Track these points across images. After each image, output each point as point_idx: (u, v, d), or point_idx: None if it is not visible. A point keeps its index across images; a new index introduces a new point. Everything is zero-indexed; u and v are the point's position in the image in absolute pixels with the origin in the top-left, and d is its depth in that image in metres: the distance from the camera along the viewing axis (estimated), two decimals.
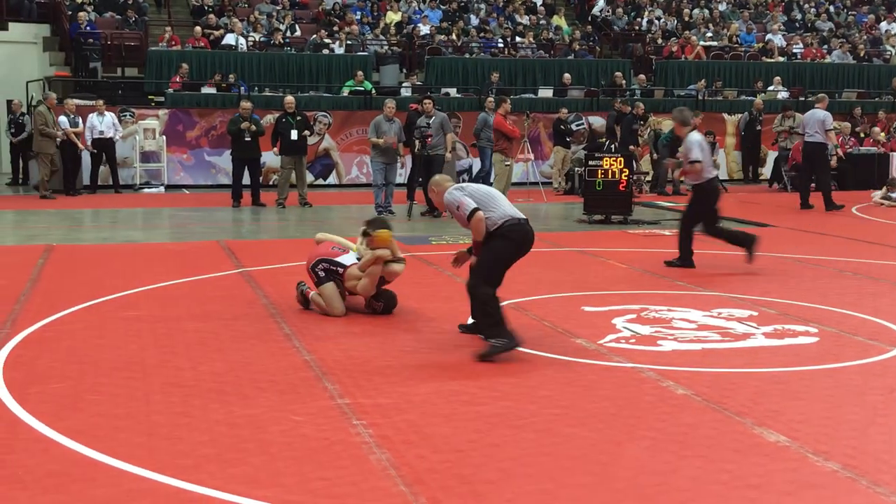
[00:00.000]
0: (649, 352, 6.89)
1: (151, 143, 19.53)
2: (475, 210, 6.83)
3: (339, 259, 8.06)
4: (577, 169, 19.07)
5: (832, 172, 20.69)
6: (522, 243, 7.07)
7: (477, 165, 21.15)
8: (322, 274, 8.01)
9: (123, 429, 5.15)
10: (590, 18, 27.83)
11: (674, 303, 8.60)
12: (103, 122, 18.39)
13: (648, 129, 20.27)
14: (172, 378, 6.14)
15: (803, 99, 24.23)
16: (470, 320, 7.34)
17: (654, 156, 19.87)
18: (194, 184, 20.05)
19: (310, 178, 19.64)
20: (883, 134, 22.15)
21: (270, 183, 19.02)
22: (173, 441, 4.96)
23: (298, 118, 16.65)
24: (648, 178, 19.84)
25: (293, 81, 22.12)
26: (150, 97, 20.85)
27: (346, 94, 21.64)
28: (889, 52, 28.18)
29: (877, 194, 18.14)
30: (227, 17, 23.68)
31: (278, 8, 24.91)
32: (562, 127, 19.76)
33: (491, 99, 17.26)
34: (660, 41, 26.51)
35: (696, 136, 10.67)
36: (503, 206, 7.02)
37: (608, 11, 27.91)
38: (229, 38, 22.54)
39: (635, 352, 6.89)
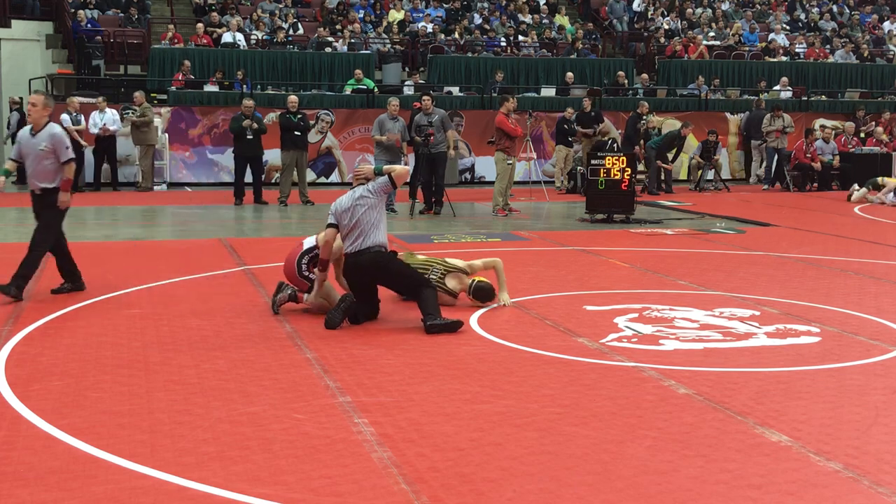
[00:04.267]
0: (651, 351, 6.89)
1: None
2: (329, 225, 7.84)
3: (306, 245, 8.14)
4: (579, 168, 19.06)
5: (834, 172, 20.78)
6: (351, 273, 7.83)
7: (478, 165, 21.21)
8: (313, 276, 8.03)
9: (125, 426, 5.15)
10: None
11: (676, 302, 8.60)
12: (105, 119, 18.39)
13: (645, 128, 20.22)
14: (174, 376, 6.14)
15: (805, 98, 24.23)
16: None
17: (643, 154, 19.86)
18: (196, 182, 20.05)
19: (312, 176, 19.66)
20: (885, 134, 22.13)
21: (272, 181, 19.03)
22: (175, 438, 4.96)
23: (299, 116, 16.70)
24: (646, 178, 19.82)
25: (296, 79, 22.12)
26: (152, 95, 20.87)
27: (348, 92, 21.65)
28: (892, 52, 28.15)
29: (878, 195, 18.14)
30: (230, 14, 23.69)
31: (281, 6, 24.92)
32: (565, 126, 19.75)
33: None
34: (663, 40, 26.50)
35: None
36: (347, 238, 7.76)
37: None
38: (227, 37, 22.55)
39: (637, 351, 6.89)
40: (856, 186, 18.54)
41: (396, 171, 7.99)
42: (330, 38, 23.28)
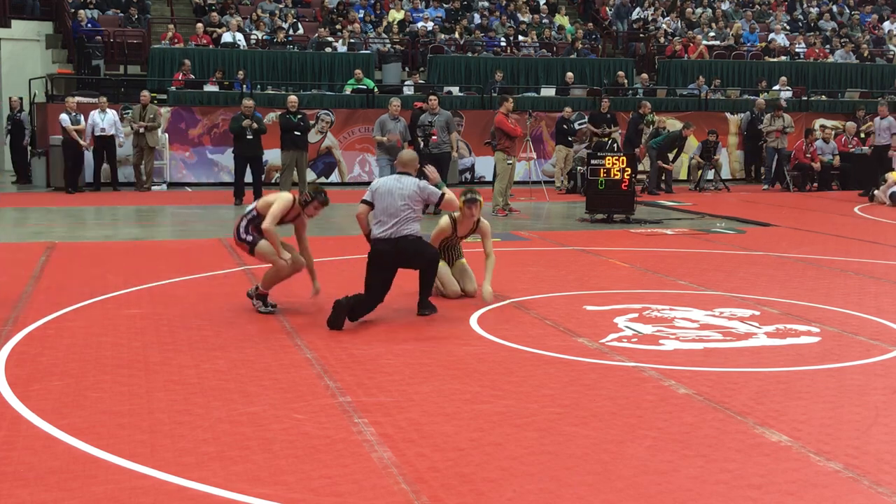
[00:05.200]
0: (651, 351, 6.89)
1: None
2: (363, 201, 8.11)
3: (246, 209, 8.26)
4: (579, 168, 19.06)
5: (834, 172, 20.79)
6: (372, 260, 7.87)
7: (478, 165, 21.22)
8: (251, 237, 8.06)
9: (125, 426, 5.15)
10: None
11: (676, 302, 8.60)
12: (105, 120, 18.40)
13: (652, 128, 20.22)
14: (174, 376, 6.14)
15: (805, 98, 24.23)
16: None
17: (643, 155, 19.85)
18: (196, 181, 20.06)
19: (312, 176, 19.66)
20: None
21: (272, 181, 19.02)
22: (175, 438, 4.96)
23: (299, 116, 16.71)
24: (646, 178, 19.80)
25: (296, 79, 22.13)
26: (152, 95, 20.88)
27: (348, 92, 21.65)
28: (892, 52, 28.14)
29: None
30: (230, 14, 23.70)
31: (281, 6, 24.93)
32: (564, 126, 19.75)
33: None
34: (662, 40, 26.51)
35: None
36: (379, 223, 7.91)
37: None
38: (227, 37, 22.55)
39: (637, 351, 6.89)
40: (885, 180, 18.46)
41: (449, 197, 8.07)
42: (330, 38, 23.28)
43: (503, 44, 25.17)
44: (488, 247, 8.65)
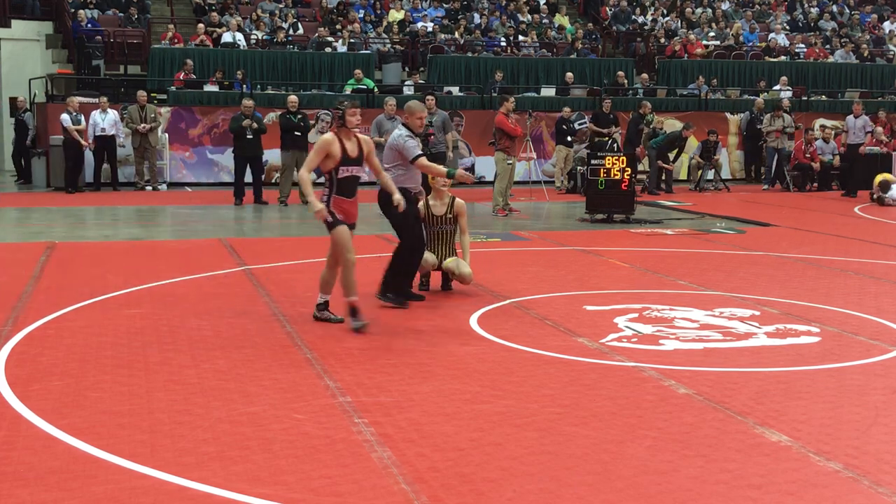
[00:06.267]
0: (651, 351, 6.89)
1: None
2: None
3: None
4: (579, 168, 19.07)
5: (834, 172, 20.80)
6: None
7: (478, 165, 21.22)
8: (331, 219, 8.15)
9: (125, 426, 5.15)
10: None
11: (676, 302, 8.60)
12: (106, 120, 18.40)
13: (650, 128, 20.22)
14: (174, 376, 6.14)
15: (805, 98, 24.23)
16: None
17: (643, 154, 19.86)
18: (196, 181, 20.06)
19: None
20: (885, 134, 22.11)
21: (272, 181, 19.03)
22: (175, 438, 4.96)
23: (299, 116, 16.71)
24: (646, 178, 19.79)
25: (296, 79, 22.13)
26: (152, 94, 20.87)
27: (348, 92, 21.64)
28: (892, 52, 28.14)
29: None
30: (230, 14, 23.70)
31: (281, 6, 24.94)
32: (564, 126, 19.76)
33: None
34: (662, 40, 26.50)
35: None
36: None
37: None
38: (227, 37, 22.55)
39: (637, 351, 6.89)
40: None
41: (427, 166, 8.62)
42: (330, 38, 23.28)
43: (503, 44, 25.17)
44: (463, 223, 9.08)
